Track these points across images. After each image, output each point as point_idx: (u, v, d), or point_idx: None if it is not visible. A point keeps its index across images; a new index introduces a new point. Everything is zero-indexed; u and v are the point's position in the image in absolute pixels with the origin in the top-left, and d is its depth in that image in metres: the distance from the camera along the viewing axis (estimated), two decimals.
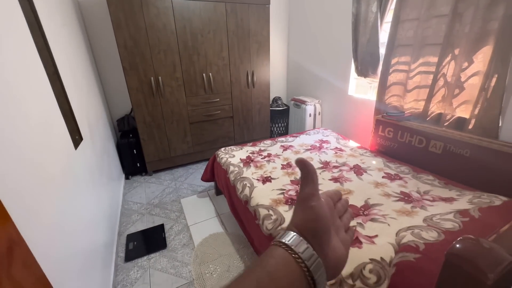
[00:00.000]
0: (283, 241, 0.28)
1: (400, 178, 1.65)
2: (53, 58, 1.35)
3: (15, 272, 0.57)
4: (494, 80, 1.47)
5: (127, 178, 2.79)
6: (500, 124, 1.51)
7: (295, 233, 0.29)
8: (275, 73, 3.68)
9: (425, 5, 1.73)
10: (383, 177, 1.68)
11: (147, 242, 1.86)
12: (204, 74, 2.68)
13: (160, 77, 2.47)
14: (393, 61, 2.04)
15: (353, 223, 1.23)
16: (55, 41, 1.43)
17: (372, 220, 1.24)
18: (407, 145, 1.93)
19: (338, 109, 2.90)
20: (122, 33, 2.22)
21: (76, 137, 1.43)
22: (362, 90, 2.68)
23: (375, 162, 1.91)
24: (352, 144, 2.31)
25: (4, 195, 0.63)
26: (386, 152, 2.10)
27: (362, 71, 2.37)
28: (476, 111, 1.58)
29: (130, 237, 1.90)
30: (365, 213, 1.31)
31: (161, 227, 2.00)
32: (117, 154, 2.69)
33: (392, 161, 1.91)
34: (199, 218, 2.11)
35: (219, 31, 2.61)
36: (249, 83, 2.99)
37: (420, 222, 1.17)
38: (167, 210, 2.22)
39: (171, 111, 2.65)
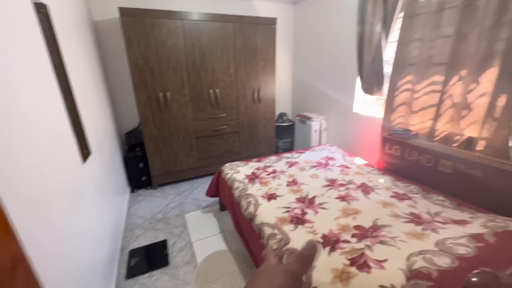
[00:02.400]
0: None
1: (409, 198, 1.61)
2: (67, 75, 1.41)
3: None
4: (502, 100, 1.45)
5: (132, 191, 2.80)
6: (510, 145, 1.47)
7: None
8: (281, 89, 3.73)
9: (429, 26, 1.76)
10: (391, 196, 1.64)
11: (149, 258, 1.83)
12: (211, 90, 2.74)
13: (168, 93, 2.54)
14: (399, 80, 2.05)
15: (360, 245, 1.19)
16: (70, 59, 1.50)
17: (381, 242, 1.20)
18: (415, 163, 1.89)
19: (344, 125, 2.90)
20: (134, 51, 2.31)
21: (85, 152, 1.46)
22: (368, 106, 2.69)
23: (382, 180, 1.87)
24: (359, 161, 2.28)
25: (12, 211, 0.63)
26: (394, 170, 2.07)
27: (368, 89, 2.39)
28: (485, 132, 1.55)
29: (133, 253, 1.88)
30: (373, 234, 1.27)
31: (163, 243, 1.96)
32: (124, 167, 2.71)
33: (400, 180, 1.87)
34: (202, 235, 2.07)
35: (227, 49, 2.70)
36: (255, 98, 3.03)
37: (431, 246, 1.12)
38: (170, 225, 2.20)
39: (178, 126, 2.69)
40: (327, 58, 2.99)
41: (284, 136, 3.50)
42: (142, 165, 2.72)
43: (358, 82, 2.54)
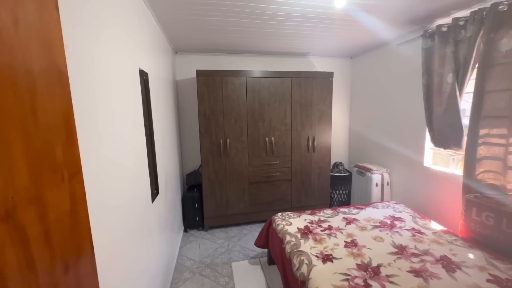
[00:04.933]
0: None
1: None
2: (152, 122, 1.69)
3: None
4: None
5: (185, 230, 2.91)
6: None
7: None
8: (337, 138, 3.65)
9: None
10: (488, 280, 1.28)
11: None
12: (267, 138, 2.86)
13: (228, 140, 2.76)
14: (482, 132, 1.78)
15: None
16: (156, 110, 1.81)
17: None
18: None
19: (411, 181, 2.57)
20: (204, 103, 2.66)
21: (155, 191, 1.64)
22: (441, 161, 2.35)
23: (472, 256, 1.50)
24: (435, 226, 1.92)
25: (98, 244, 0.72)
26: (486, 243, 1.65)
27: (441, 142, 2.12)
28: None
29: None
30: None
31: None
32: (181, 207, 2.90)
33: (498, 259, 1.46)
34: None
35: (284, 101, 2.87)
36: (310, 147, 3.02)
37: None
38: (217, 273, 2.14)
39: (234, 171, 2.83)
40: (388, 108, 2.86)
41: (339, 187, 3.27)
42: (197, 206, 2.86)
43: (428, 134, 2.30)
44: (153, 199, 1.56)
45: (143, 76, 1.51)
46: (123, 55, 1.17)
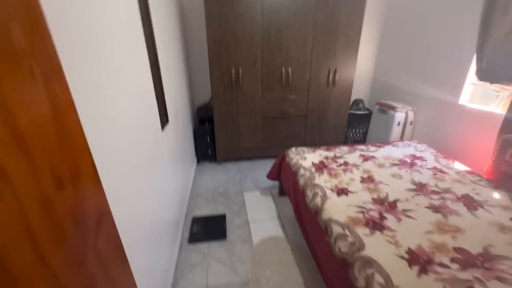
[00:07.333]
0: None
1: None
2: (156, 48, 1.47)
3: (100, 243, 0.58)
4: None
5: (198, 162, 2.98)
6: None
7: None
8: (360, 71, 3.29)
9: None
10: None
11: (209, 229, 1.91)
12: (283, 69, 2.58)
13: (240, 69, 2.50)
14: None
15: (466, 275, 0.92)
16: (158, 32, 1.56)
17: (500, 279, 0.89)
18: None
19: (440, 120, 2.35)
20: (213, 26, 2.31)
21: (164, 119, 1.54)
22: (478, 99, 2.08)
23: (497, 195, 1.43)
24: (458, 166, 1.81)
25: (102, 167, 0.65)
26: None
27: (490, 75, 1.81)
28: None
29: (195, 221, 1.99)
30: (485, 265, 0.96)
31: (222, 217, 2.02)
32: (193, 139, 2.89)
33: None
34: (259, 216, 2.05)
35: (306, 24, 2.45)
36: (330, 81, 2.74)
37: None
38: (230, 201, 2.25)
39: (246, 104, 2.67)
40: (426, 39, 2.41)
41: (356, 126, 3.12)
42: (209, 140, 2.84)
43: (473, 65, 1.97)
44: (162, 127, 1.48)
45: None
46: None
